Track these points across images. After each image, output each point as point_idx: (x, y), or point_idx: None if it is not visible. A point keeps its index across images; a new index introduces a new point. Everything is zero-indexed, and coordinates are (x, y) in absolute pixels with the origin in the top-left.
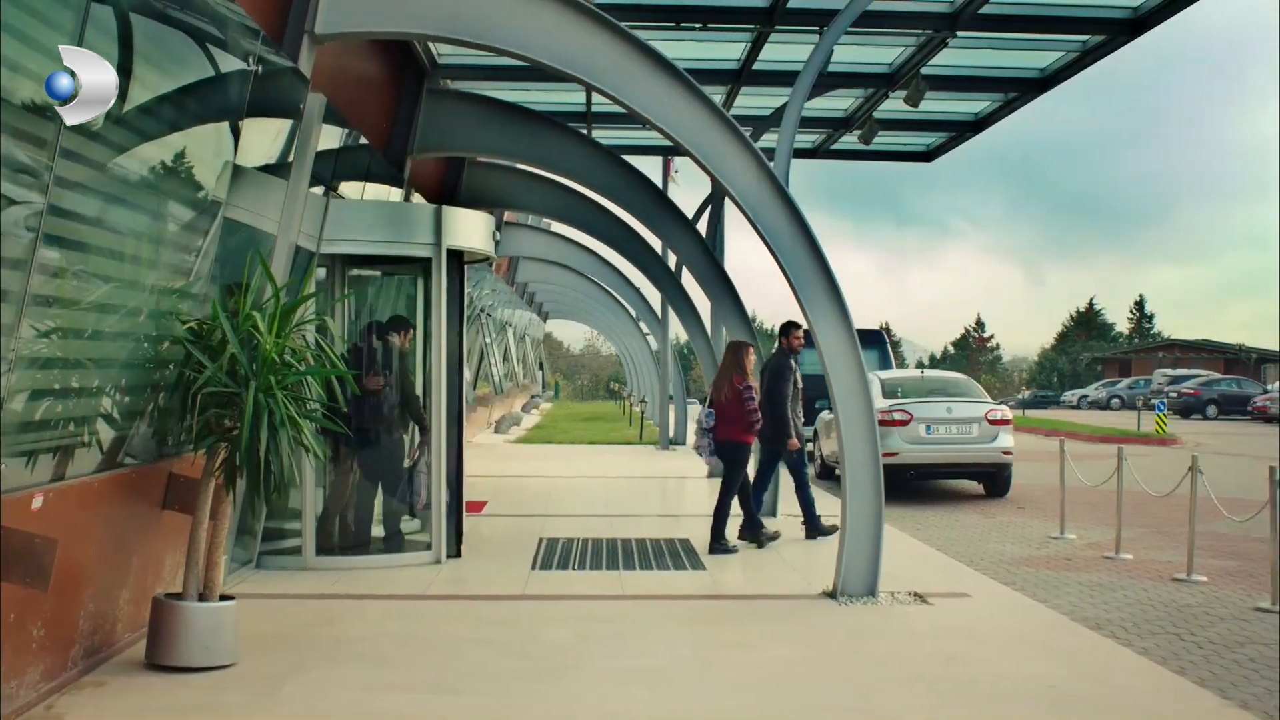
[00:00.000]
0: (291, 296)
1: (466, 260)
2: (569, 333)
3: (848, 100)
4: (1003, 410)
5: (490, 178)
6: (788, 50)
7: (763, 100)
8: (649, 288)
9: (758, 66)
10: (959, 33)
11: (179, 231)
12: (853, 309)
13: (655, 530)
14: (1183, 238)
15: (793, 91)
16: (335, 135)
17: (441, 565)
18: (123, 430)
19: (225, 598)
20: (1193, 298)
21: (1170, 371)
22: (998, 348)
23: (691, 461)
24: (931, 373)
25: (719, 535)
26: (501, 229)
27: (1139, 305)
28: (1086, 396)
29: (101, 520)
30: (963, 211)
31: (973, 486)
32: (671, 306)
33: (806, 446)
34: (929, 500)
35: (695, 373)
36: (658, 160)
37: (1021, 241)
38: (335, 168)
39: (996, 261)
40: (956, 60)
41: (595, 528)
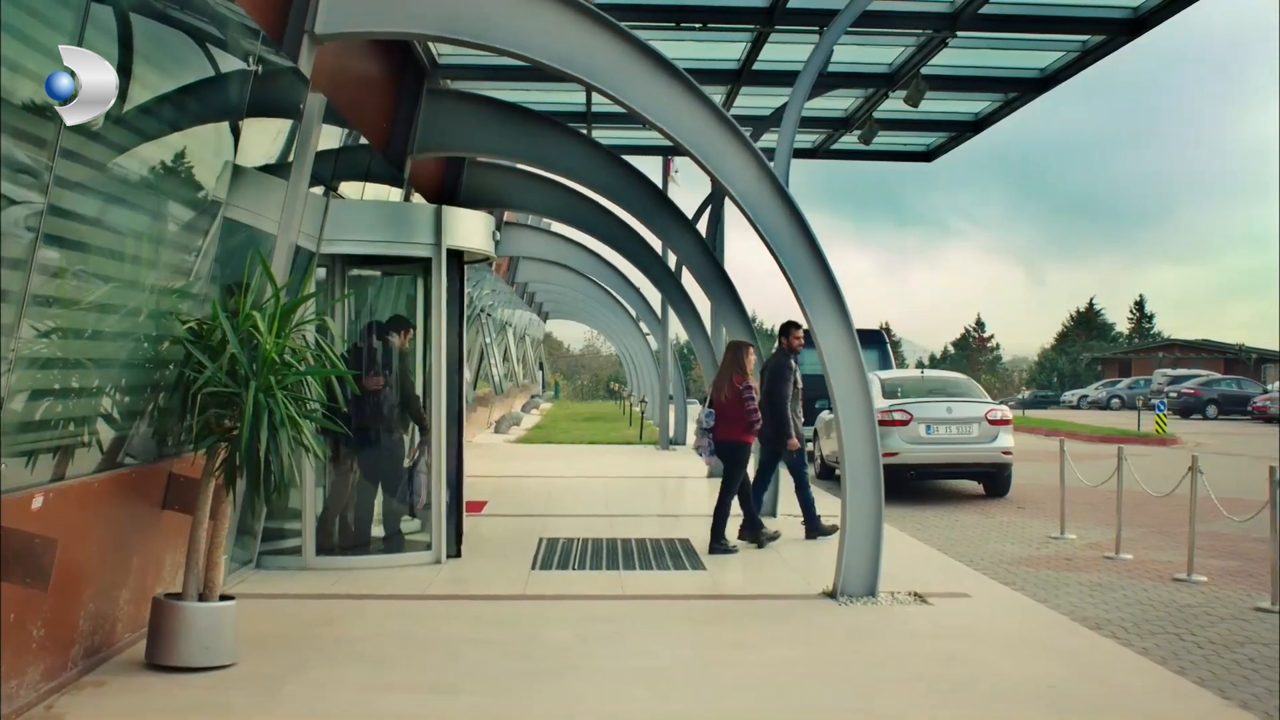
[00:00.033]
0: (291, 296)
1: (466, 260)
2: (569, 333)
3: (848, 100)
4: (1003, 410)
5: (490, 178)
6: (788, 50)
7: (763, 100)
8: (649, 288)
9: (758, 66)
10: (959, 33)
11: (179, 231)
12: (853, 309)
13: (655, 530)
14: (1183, 238)
15: (793, 91)
16: (335, 135)
17: (441, 565)
18: (123, 430)
19: (225, 598)
20: (1193, 298)
21: (1170, 371)
22: (998, 348)
23: (691, 461)
24: (931, 373)
25: (719, 535)
26: (501, 229)
27: (1139, 305)
28: (1086, 396)
29: (101, 520)
30: (963, 211)
31: (973, 486)
32: (671, 306)
33: (806, 446)
34: (929, 500)
35: (695, 373)
36: (658, 160)
37: (1022, 241)
38: (335, 168)
39: (997, 261)
40: (956, 60)
41: (595, 528)
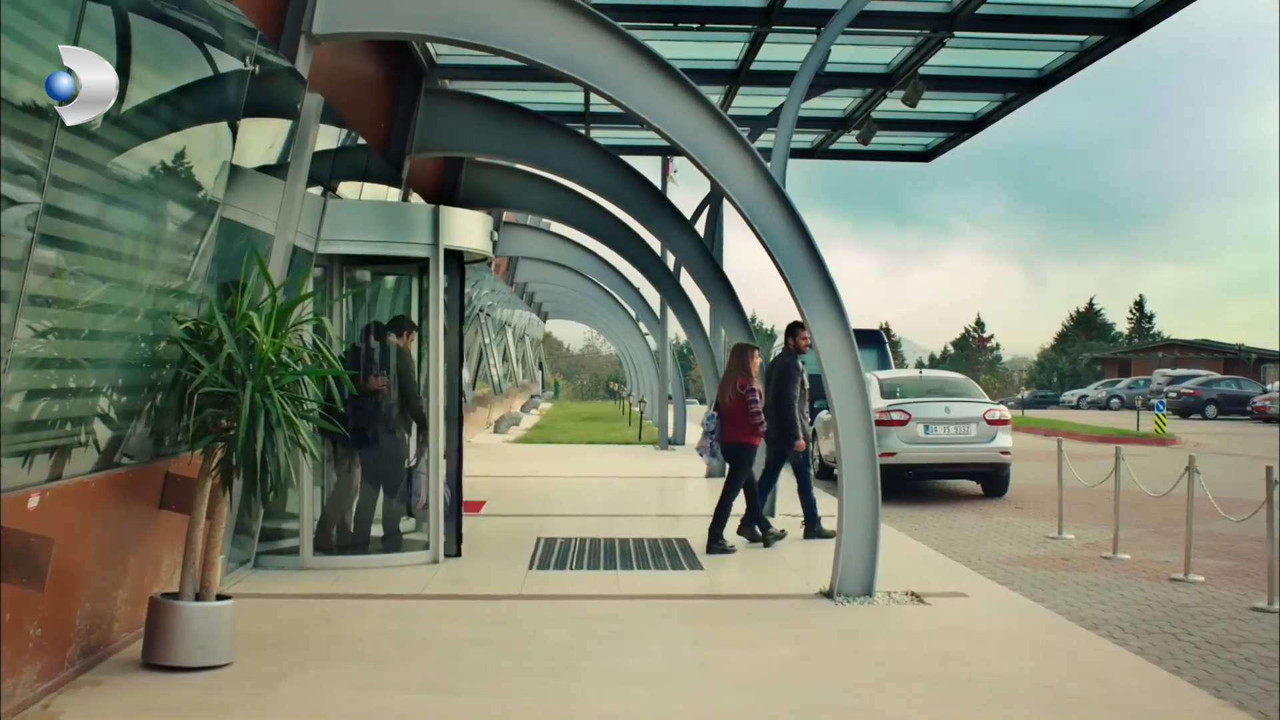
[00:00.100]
0: (289, 296)
1: (466, 260)
2: (569, 333)
3: (846, 100)
4: (1001, 410)
5: (489, 178)
6: (785, 50)
7: (760, 100)
8: (648, 288)
9: (755, 66)
10: (957, 33)
11: (176, 231)
12: (852, 309)
13: (653, 530)
14: (1183, 238)
15: (790, 91)
16: (333, 135)
17: (439, 565)
18: (119, 430)
19: (222, 597)
20: (1193, 298)
21: (1170, 371)
22: (997, 348)
23: (690, 461)
24: (930, 373)
25: (717, 535)
26: (500, 229)
27: (1139, 305)
28: (1086, 396)
29: (98, 520)
30: (963, 211)
31: (971, 486)
32: (670, 307)
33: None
34: (927, 500)
35: (694, 373)
36: (656, 160)
37: (1021, 241)
38: (333, 168)
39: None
40: (954, 60)
41: (593, 528)
